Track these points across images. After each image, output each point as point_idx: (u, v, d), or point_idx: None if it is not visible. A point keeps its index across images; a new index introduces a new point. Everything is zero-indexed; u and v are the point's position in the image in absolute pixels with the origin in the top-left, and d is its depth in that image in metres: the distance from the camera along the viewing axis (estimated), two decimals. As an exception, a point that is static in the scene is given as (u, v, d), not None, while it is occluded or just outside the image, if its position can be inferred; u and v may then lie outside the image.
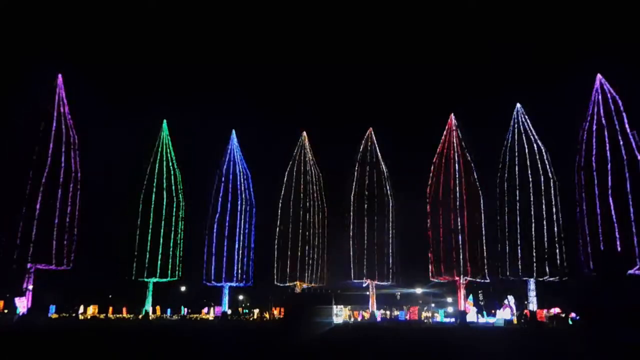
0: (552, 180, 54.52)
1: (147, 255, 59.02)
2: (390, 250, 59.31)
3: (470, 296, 55.33)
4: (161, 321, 52.87)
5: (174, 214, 61.48)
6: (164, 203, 60.81)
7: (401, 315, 57.68)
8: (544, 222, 52.98)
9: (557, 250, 52.58)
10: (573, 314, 47.30)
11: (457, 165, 57.16)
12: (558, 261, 52.17)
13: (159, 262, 59.11)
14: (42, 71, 55.20)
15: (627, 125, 49.79)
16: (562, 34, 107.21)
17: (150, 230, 59.83)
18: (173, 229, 61.17)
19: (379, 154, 62.68)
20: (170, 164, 62.86)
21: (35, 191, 49.60)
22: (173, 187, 62.12)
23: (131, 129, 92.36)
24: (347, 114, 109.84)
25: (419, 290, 66.59)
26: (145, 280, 59.24)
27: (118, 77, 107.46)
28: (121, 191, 64.41)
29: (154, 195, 60.78)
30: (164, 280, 60.14)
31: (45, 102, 53.19)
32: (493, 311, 54.98)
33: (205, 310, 67.84)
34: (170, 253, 60.41)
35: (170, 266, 60.12)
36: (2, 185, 50.02)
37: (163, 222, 60.34)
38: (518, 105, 58.05)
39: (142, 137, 66.73)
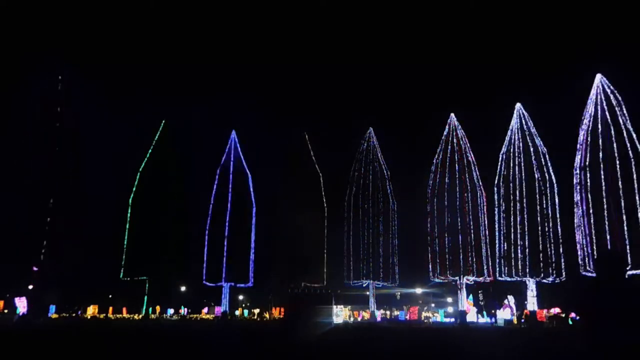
0: (551, 180, 54.50)
1: (147, 256, 58.93)
2: (391, 250, 59.28)
3: (470, 296, 55.31)
4: (161, 321, 52.90)
5: (174, 213, 61.41)
6: (164, 203, 60.73)
7: (401, 315, 57.68)
8: (544, 222, 52.94)
9: (557, 251, 52.54)
10: (573, 314, 47.38)
11: (457, 165, 57.16)
12: (557, 262, 52.13)
13: (159, 262, 59.02)
14: (43, 70, 55.14)
15: (627, 125, 49.76)
16: (562, 34, 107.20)
17: (149, 230, 59.73)
18: (173, 228, 61.10)
19: (379, 154, 62.70)
20: (170, 163, 62.79)
21: (34, 190, 49.55)
22: (173, 187, 62.06)
23: (131, 129, 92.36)
24: (347, 114, 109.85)
25: (419, 290, 66.55)
26: (145, 280, 59.14)
27: (118, 77, 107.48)
28: (121, 191, 64.37)
29: (153, 195, 60.68)
30: (164, 280, 60.03)
31: (46, 101, 53.18)
32: (493, 311, 54.93)
33: (205, 310, 67.87)
34: (170, 253, 60.33)
35: (170, 266, 60.04)
36: (1, 185, 49.97)
37: (162, 222, 60.25)
38: (518, 105, 58.05)
39: (142, 136, 66.74)
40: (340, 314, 53.43)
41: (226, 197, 62.14)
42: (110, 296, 69.85)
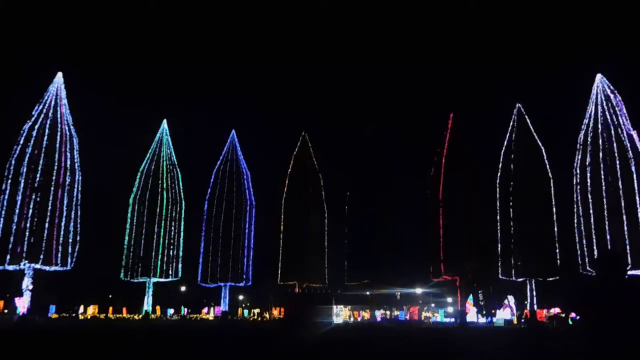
0: (551, 180, 54.48)
1: (147, 256, 58.91)
2: (392, 250, 59.13)
3: (470, 296, 55.22)
4: (161, 321, 52.86)
5: (173, 213, 61.40)
6: (164, 203, 60.72)
7: (401, 315, 57.67)
8: (544, 222, 52.85)
9: (557, 250, 52.52)
10: (573, 314, 47.38)
11: (457, 165, 57.01)
12: (558, 261, 52.11)
13: (158, 262, 58.99)
14: (43, 70, 55.15)
15: (626, 125, 49.78)
16: (562, 34, 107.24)
17: (149, 230, 59.71)
18: (173, 228, 61.09)
19: (378, 153, 62.55)
20: (170, 163, 62.77)
21: (33, 191, 49.45)
22: (173, 187, 62.05)
23: (131, 129, 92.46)
24: (347, 114, 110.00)
25: (419, 290, 66.50)
26: (145, 280, 59.11)
27: (119, 77, 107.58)
28: (121, 191, 64.39)
29: (153, 195, 60.65)
30: (163, 280, 60.00)
31: (45, 101, 53.10)
32: (493, 311, 54.89)
33: (205, 310, 67.84)
34: (170, 253, 60.32)
35: (169, 266, 60.03)
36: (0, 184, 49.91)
37: (162, 222, 60.25)
38: (518, 105, 58.00)
39: (143, 136, 66.74)
40: (341, 314, 53.45)
41: (225, 197, 62.10)
42: (110, 296, 69.82)
